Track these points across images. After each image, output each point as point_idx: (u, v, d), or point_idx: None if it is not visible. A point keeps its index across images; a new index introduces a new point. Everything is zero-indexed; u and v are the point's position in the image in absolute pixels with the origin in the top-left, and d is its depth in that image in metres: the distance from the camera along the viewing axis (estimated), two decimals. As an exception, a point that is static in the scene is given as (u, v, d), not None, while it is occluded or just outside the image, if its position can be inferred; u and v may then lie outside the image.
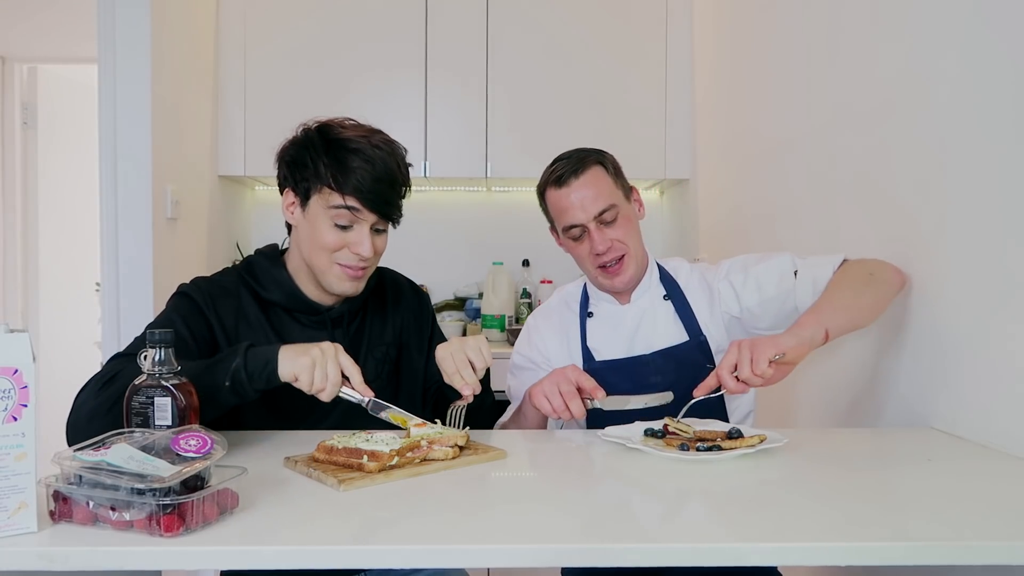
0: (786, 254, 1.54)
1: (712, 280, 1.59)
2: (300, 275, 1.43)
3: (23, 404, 0.82)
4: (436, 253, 3.40)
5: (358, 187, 1.32)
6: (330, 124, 1.39)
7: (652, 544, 0.84)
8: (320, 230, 1.35)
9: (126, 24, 2.38)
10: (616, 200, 1.52)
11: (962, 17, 1.32)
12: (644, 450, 1.17)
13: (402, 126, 3.02)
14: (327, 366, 1.15)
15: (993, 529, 0.87)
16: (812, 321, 1.28)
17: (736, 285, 1.55)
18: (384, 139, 1.39)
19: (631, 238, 1.54)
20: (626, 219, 1.54)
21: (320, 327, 1.43)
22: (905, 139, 1.49)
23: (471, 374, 1.28)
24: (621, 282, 1.55)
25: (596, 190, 1.51)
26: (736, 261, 1.59)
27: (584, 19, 3.07)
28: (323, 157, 1.33)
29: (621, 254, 1.53)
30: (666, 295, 1.60)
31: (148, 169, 2.40)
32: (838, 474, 1.10)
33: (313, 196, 1.35)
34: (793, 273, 1.49)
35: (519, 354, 1.67)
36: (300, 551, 0.82)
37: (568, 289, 1.71)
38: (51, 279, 3.87)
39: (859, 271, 1.42)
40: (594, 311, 1.63)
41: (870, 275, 1.40)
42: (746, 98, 2.48)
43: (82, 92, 3.90)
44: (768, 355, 1.21)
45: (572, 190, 1.51)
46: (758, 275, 1.53)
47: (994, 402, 1.23)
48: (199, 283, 1.41)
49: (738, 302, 1.54)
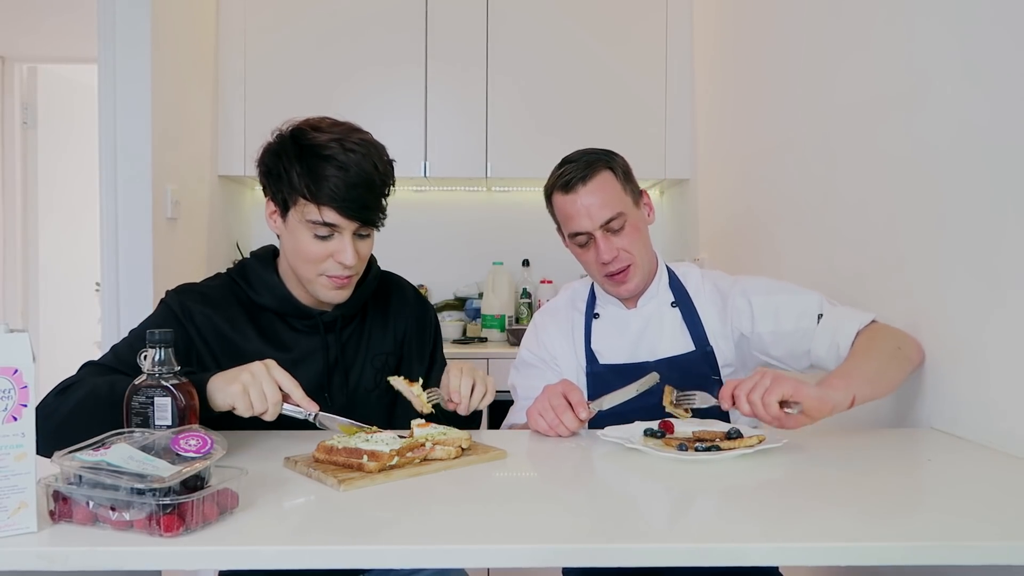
0: (815, 294, 1.49)
1: (728, 292, 1.55)
2: (292, 280, 1.40)
3: (23, 404, 0.82)
4: (436, 253, 3.40)
5: (333, 196, 1.26)
6: (303, 128, 1.32)
7: (652, 544, 0.84)
8: (301, 242, 1.31)
9: (126, 24, 2.38)
10: (624, 207, 1.49)
11: (962, 16, 1.32)
12: (643, 450, 1.17)
13: (402, 127, 3.03)
14: (262, 386, 1.11)
15: (993, 529, 0.87)
16: (842, 385, 1.21)
17: (755, 306, 1.50)
18: (360, 139, 1.31)
19: (638, 247, 1.51)
20: (633, 227, 1.51)
21: (313, 332, 1.40)
22: (904, 138, 1.49)
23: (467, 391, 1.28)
24: (627, 290, 1.54)
25: (603, 197, 1.48)
26: (760, 282, 1.55)
27: (584, 19, 3.07)
28: (296, 166, 1.28)
29: (627, 264, 1.50)
30: (674, 302, 1.57)
31: (148, 169, 2.41)
32: (838, 474, 1.10)
33: (291, 208, 1.31)
34: (816, 316, 1.44)
35: (527, 350, 1.65)
36: (300, 551, 0.82)
37: (576, 287, 1.69)
38: (51, 279, 3.87)
39: (888, 341, 1.37)
40: (600, 313, 1.61)
41: (898, 348, 1.36)
42: (746, 98, 2.48)
43: (82, 92, 3.90)
44: (784, 391, 1.15)
45: (579, 196, 1.48)
46: (779, 305, 1.48)
47: (994, 402, 1.23)
48: (181, 291, 1.38)
49: (752, 323, 1.50)
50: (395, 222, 1.41)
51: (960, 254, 1.31)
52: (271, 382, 1.12)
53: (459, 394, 1.29)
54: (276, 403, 1.12)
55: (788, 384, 1.16)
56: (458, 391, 1.29)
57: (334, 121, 1.34)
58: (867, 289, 1.62)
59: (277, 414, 1.13)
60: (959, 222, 1.32)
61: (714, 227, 2.82)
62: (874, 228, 1.61)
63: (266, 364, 1.14)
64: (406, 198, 1.79)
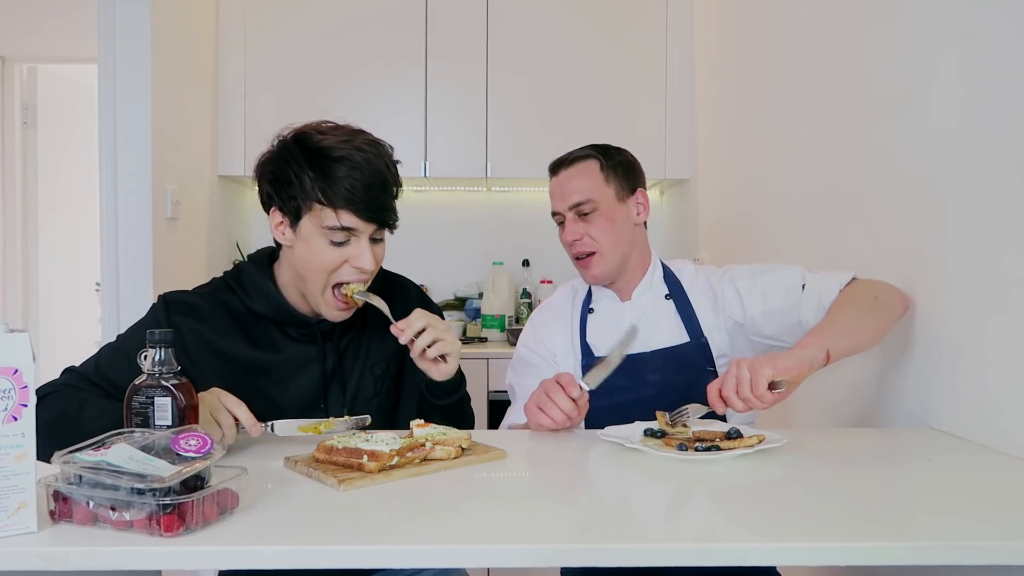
0: (796, 267, 1.51)
1: (717, 284, 1.58)
2: (289, 287, 1.36)
3: (23, 404, 0.82)
4: (436, 253, 3.40)
5: (349, 198, 1.23)
6: (306, 132, 1.29)
7: (651, 544, 0.84)
8: (316, 250, 1.27)
9: (126, 24, 2.38)
10: (597, 196, 1.54)
11: (961, 18, 1.32)
12: (643, 450, 1.17)
13: (402, 127, 3.03)
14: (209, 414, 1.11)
15: (993, 529, 0.87)
16: (814, 342, 1.25)
17: (742, 292, 1.53)
18: (368, 139, 1.29)
19: (606, 237, 1.54)
20: (606, 217, 1.54)
21: (309, 341, 1.37)
22: (904, 139, 1.49)
23: (415, 328, 1.27)
24: (591, 276, 1.58)
25: (578, 183, 1.55)
26: (744, 268, 1.58)
27: (584, 19, 3.07)
28: (307, 170, 1.24)
29: (590, 251, 1.55)
30: (668, 295, 1.60)
31: (148, 169, 2.41)
32: (837, 474, 1.10)
33: (305, 215, 1.26)
34: (800, 287, 1.47)
35: (524, 347, 1.66)
36: (300, 551, 0.81)
37: (574, 284, 1.71)
38: (51, 279, 3.88)
39: (864, 293, 1.40)
40: (595, 307, 1.63)
41: (875, 298, 1.38)
42: (746, 98, 2.48)
43: (82, 92, 3.90)
44: (766, 376, 1.17)
45: (559, 179, 1.58)
46: (765, 285, 1.51)
47: (994, 402, 1.23)
48: (169, 302, 1.34)
49: (742, 308, 1.53)
50: (395, 222, 1.40)
51: (961, 254, 1.31)
52: (220, 409, 1.13)
53: (406, 326, 1.27)
54: (229, 426, 1.13)
55: (766, 366, 1.18)
56: (407, 325, 1.27)
57: (335, 124, 1.32)
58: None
59: (234, 437, 1.14)
60: (959, 221, 1.32)
61: (714, 227, 2.82)
62: (874, 228, 1.61)
63: (213, 392, 1.15)
64: (406, 198, 1.78)
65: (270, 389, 1.35)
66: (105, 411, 1.16)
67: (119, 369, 1.25)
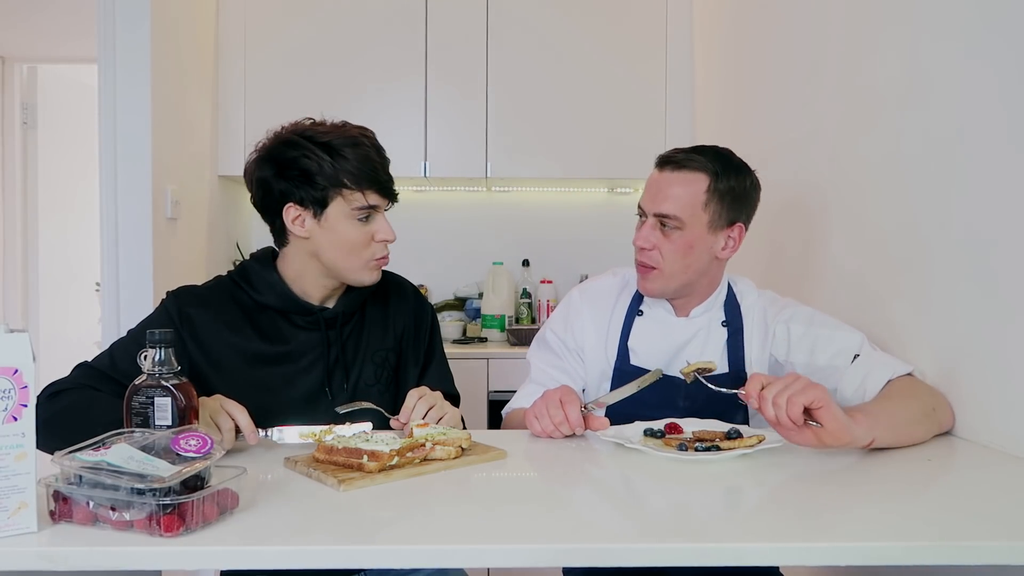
0: (858, 334, 1.41)
1: (772, 319, 1.49)
2: (292, 278, 1.41)
3: (23, 404, 0.82)
4: (436, 253, 3.40)
5: (373, 178, 1.34)
6: (304, 128, 1.37)
7: (652, 544, 0.85)
8: (346, 234, 1.35)
9: (126, 24, 2.38)
10: (687, 217, 1.40)
11: (966, 14, 1.32)
12: (643, 450, 1.17)
13: (402, 126, 3.03)
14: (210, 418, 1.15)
15: (993, 529, 0.87)
16: (867, 423, 1.14)
17: (792, 335, 1.45)
18: (357, 126, 1.40)
19: (676, 261, 1.42)
20: (685, 242, 1.41)
21: (313, 328, 1.42)
22: (906, 138, 1.49)
23: (419, 413, 1.28)
24: (644, 289, 1.47)
25: (676, 192, 1.41)
26: (805, 311, 1.48)
27: (584, 19, 3.07)
28: (327, 159, 1.32)
29: (652, 265, 1.44)
30: (725, 321, 1.50)
31: (148, 169, 2.41)
32: (837, 474, 1.10)
33: (332, 202, 1.33)
34: (852, 356, 1.38)
35: (552, 332, 1.57)
36: (300, 551, 0.82)
37: (627, 275, 1.58)
38: (51, 279, 3.87)
39: (926, 400, 1.30)
40: (645, 311, 1.53)
41: (933, 410, 1.29)
42: (746, 98, 2.48)
43: (82, 92, 3.90)
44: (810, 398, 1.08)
45: (660, 178, 1.45)
46: (817, 338, 1.42)
47: (994, 402, 1.23)
48: (179, 295, 1.40)
49: (787, 351, 1.45)
50: (395, 222, 1.41)
51: (961, 254, 1.31)
52: (221, 412, 1.16)
53: (401, 422, 1.29)
54: (229, 430, 1.15)
55: (820, 393, 1.08)
56: (409, 412, 1.29)
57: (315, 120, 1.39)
58: (868, 290, 1.62)
59: (232, 442, 1.16)
60: (960, 222, 1.32)
61: (714, 227, 2.81)
62: (874, 228, 1.61)
63: (216, 397, 1.19)
64: (406, 198, 1.78)
65: (278, 377, 1.39)
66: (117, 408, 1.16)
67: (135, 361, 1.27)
